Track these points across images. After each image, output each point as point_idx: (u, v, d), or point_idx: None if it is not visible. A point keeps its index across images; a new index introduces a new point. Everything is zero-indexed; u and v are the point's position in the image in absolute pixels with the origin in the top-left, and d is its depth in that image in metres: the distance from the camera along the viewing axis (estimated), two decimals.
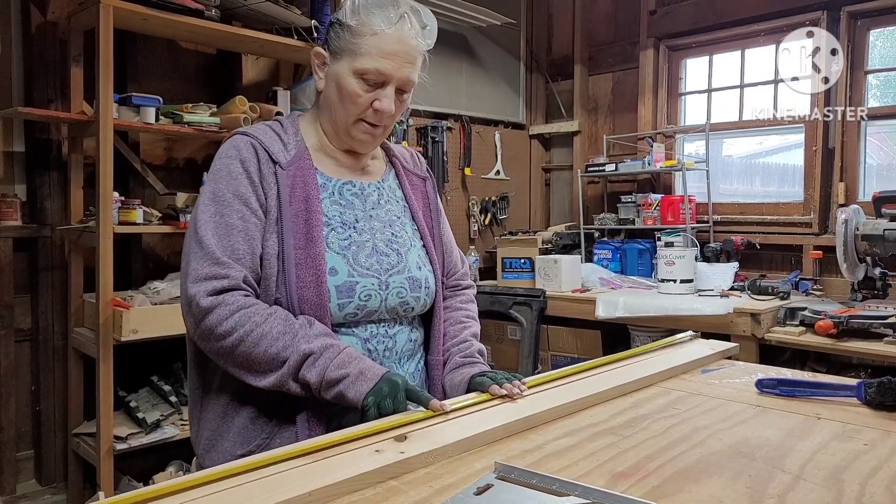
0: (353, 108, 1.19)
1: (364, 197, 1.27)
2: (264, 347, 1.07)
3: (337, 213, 1.22)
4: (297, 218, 1.16)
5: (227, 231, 1.12)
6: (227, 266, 1.10)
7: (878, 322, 2.45)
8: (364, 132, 1.22)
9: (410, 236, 1.30)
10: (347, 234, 1.21)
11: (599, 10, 4.30)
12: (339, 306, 1.15)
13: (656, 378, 1.30)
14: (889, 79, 3.38)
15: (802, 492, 0.80)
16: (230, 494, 0.76)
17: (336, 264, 1.16)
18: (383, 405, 1.02)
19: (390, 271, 1.22)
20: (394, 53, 1.17)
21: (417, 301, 1.26)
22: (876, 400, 1.13)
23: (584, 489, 0.76)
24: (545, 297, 3.49)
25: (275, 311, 1.11)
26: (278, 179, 1.17)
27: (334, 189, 1.24)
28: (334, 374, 1.05)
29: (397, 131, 3.42)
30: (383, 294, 1.20)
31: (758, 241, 3.46)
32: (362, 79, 1.17)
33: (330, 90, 1.22)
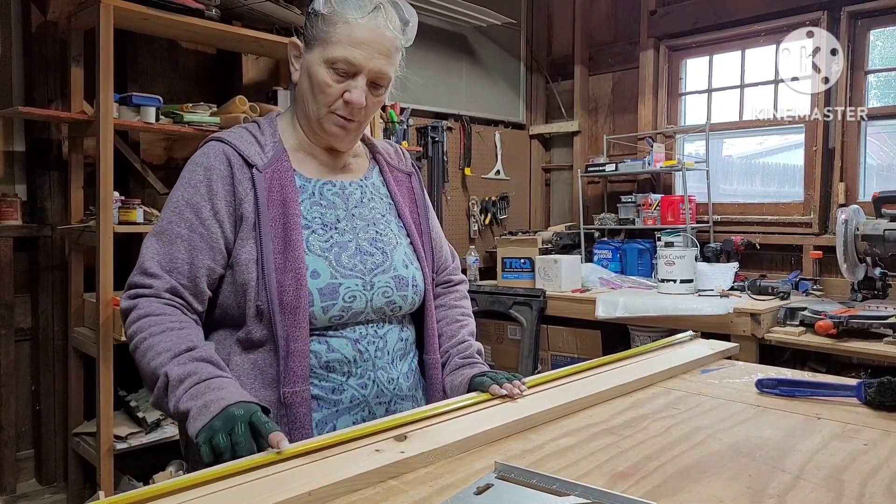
0: (322, 98, 1.16)
1: (346, 196, 1.25)
2: (148, 360, 1.03)
3: (317, 215, 1.19)
4: (275, 222, 1.13)
5: (170, 239, 1.11)
6: (154, 276, 1.09)
7: (878, 322, 2.45)
8: (336, 125, 1.18)
9: (396, 234, 1.27)
10: (329, 235, 1.18)
11: (599, 10, 4.30)
12: (324, 309, 1.12)
13: (656, 378, 1.30)
14: (889, 79, 3.38)
15: (802, 492, 0.80)
16: (230, 494, 0.76)
17: (318, 267, 1.14)
18: (216, 442, 0.89)
19: (375, 271, 1.19)
20: (365, 43, 1.14)
21: (405, 300, 1.23)
22: (876, 400, 1.13)
23: (585, 489, 0.76)
24: (545, 297, 3.49)
25: (179, 327, 1.06)
26: (255, 184, 1.14)
27: (314, 190, 1.21)
28: (183, 407, 0.96)
29: (397, 131, 3.42)
30: (368, 294, 1.17)
31: (758, 241, 3.46)
32: (332, 68, 1.14)
33: (303, 81, 1.19)
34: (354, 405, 1.15)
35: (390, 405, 1.19)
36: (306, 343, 1.10)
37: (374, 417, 1.13)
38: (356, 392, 1.15)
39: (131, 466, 2.60)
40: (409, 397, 1.24)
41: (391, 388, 1.20)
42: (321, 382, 1.13)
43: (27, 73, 2.61)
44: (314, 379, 1.12)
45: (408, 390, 1.24)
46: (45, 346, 2.69)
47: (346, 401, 1.14)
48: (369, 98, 1.17)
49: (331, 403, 1.13)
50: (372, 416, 1.15)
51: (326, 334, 1.14)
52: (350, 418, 1.14)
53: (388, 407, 1.19)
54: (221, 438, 0.89)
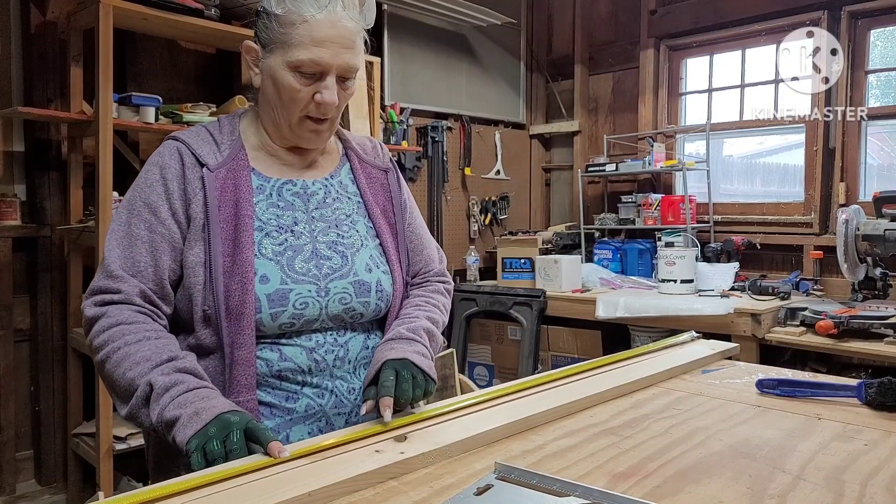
0: (292, 104, 1.10)
1: (307, 196, 1.18)
2: (123, 370, 0.97)
3: (273, 217, 1.13)
4: (226, 223, 1.08)
5: (130, 242, 1.07)
6: (121, 280, 1.04)
7: (879, 322, 2.45)
8: (311, 130, 1.14)
9: (362, 236, 1.19)
10: (283, 238, 1.12)
11: (600, 9, 4.30)
12: (272, 316, 1.06)
13: (656, 378, 1.30)
14: (889, 79, 3.37)
15: (803, 492, 0.80)
16: (230, 494, 0.76)
17: (268, 271, 1.07)
18: (210, 448, 0.86)
19: (331, 276, 1.12)
20: (328, 40, 1.07)
21: (366, 307, 1.15)
22: (876, 400, 1.13)
23: (585, 489, 0.76)
24: (545, 297, 3.49)
25: (155, 336, 1.01)
26: (205, 184, 1.09)
27: (272, 190, 1.15)
28: (170, 415, 0.92)
29: (397, 131, 3.42)
30: (322, 301, 1.10)
31: (758, 241, 3.45)
32: (298, 72, 1.08)
33: (267, 87, 1.13)
34: (310, 415, 1.08)
35: (351, 416, 1.12)
36: (251, 351, 1.04)
37: (334, 429, 1.08)
38: (312, 401, 1.09)
39: (131, 467, 2.60)
40: None
41: (352, 399, 1.12)
42: (274, 391, 1.07)
43: (26, 73, 2.61)
44: (266, 387, 1.07)
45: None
46: (44, 346, 2.69)
47: (300, 410, 1.08)
48: (340, 93, 1.12)
49: (284, 412, 1.07)
50: (331, 427, 1.09)
51: (279, 342, 1.08)
52: (305, 428, 1.08)
53: (349, 418, 1.12)
54: (215, 444, 0.87)
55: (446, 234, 3.98)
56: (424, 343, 1.14)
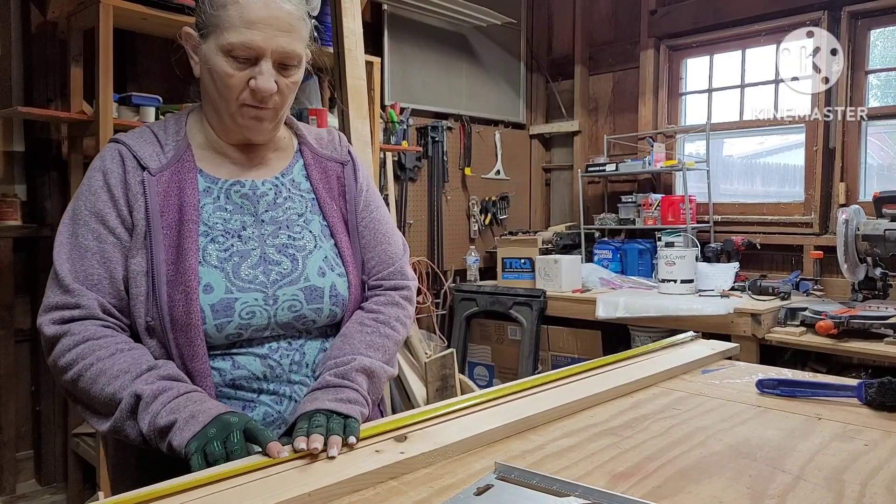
0: (227, 91, 1.04)
1: (256, 198, 1.11)
2: (101, 385, 0.93)
3: (220, 221, 1.07)
4: (169, 230, 1.03)
5: (80, 254, 1.01)
6: (78, 294, 0.99)
7: (879, 322, 2.45)
8: (249, 117, 1.06)
9: (316, 236, 1.13)
10: (229, 243, 1.06)
11: (600, 9, 4.30)
12: (217, 327, 1.01)
13: (657, 378, 1.30)
14: (889, 79, 3.37)
15: (803, 492, 0.79)
16: (230, 494, 0.76)
17: (212, 280, 1.02)
18: (210, 449, 0.85)
19: (280, 283, 1.06)
20: (261, 21, 1.01)
21: (319, 313, 1.09)
22: (876, 400, 1.12)
23: (585, 489, 0.76)
24: (545, 297, 3.49)
25: (128, 348, 0.98)
26: (146, 188, 1.03)
27: (220, 192, 1.09)
28: (164, 421, 0.89)
29: (397, 131, 3.42)
30: (270, 310, 1.04)
31: (758, 241, 3.45)
32: (231, 56, 1.01)
33: (205, 76, 1.07)
34: (269, 423, 1.04)
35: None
36: (205, 362, 1.00)
37: None
38: (270, 409, 1.05)
39: None
40: None
41: None
42: (229, 400, 1.03)
43: (27, 73, 2.61)
44: (221, 398, 1.02)
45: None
46: None
47: (258, 418, 1.03)
48: (280, 81, 1.05)
49: None
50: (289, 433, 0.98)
51: (230, 351, 1.04)
52: None
53: None
54: (216, 445, 0.85)
55: (446, 234, 3.98)
56: (355, 387, 1.02)
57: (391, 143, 3.38)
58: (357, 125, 2.51)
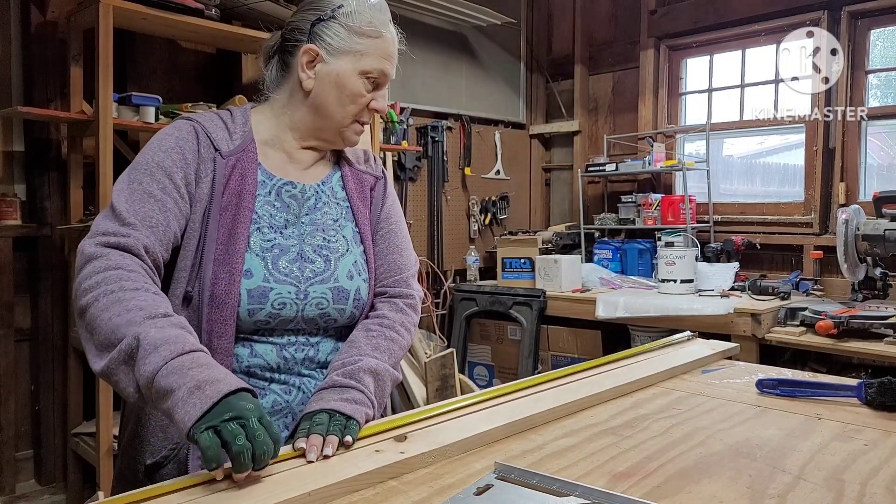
0: (353, 108, 1.17)
1: (302, 200, 1.19)
2: (111, 314, 0.90)
3: (267, 214, 1.13)
4: (226, 211, 1.08)
5: (143, 198, 1.03)
6: (132, 227, 1.00)
7: (879, 322, 2.45)
8: (356, 133, 1.21)
9: (348, 241, 1.20)
10: (272, 236, 1.12)
11: (600, 9, 4.30)
12: (249, 312, 1.06)
13: (656, 378, 1.30)
14: (889, 79, 3.37)
15: (803, 492, 0.80)
16: (230, 494, 0.76)
17: (252, 266, 1.07)
18: (227, 432, 0.77)
19: (312, 280, 1.12)
20: (392, 55, 1.20)
21: (342, 314, 1.15)
22: (876, 400, 1.13)
23: (585, 489, 0.76)
24: (545, 297, 3.49)
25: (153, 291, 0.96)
26: (216, 167, 1.10)
27: (272, 188, 1.16)
28: (165, 382, 0.83)
29: (397, 130, 3.42)
30: (300, 304, 1.10)
31: (758, 241, 3.45)
32: (367, 79, 1.17)
33: (325, 90, 1.16)
34: (276, 411, 1.08)
35: None
36: (231, 342, 1.04)
37: (299, 426, 0.98)
38: (279, 397, 1.09)
39: None
40: None
41: None
42: None
43: (26, 72, 2.61)
44: None
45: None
46: (44, 346, 2.69)
47: (266, 406, 1.07)
48: None
49: None
50: (296, 422, 1.01)
51: (252, 338, 1.08)
52: None
53: None
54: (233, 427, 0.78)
55: (446, 234, 3.98)
56: (361, 388, 1.03)
57: (391, 143, 3.38)
58: None
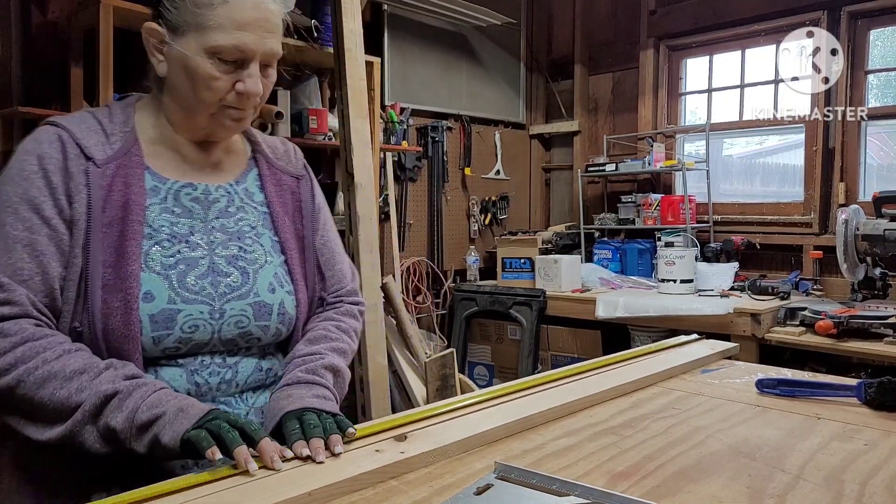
0: (210, 94, 0.98)
1: (208, 203, 1.04)
2: (52, 389, 0.84)
3: (167, 224, 0.99)
4: (110, 228, 0.94)
5: (7, 246, 0.90)
6: (8, 289, 0.88)
7: (879, 322, 2.45)
8: (231, 120, 1.02)
9: (267, 251, 1.07)
10: (175, 249, 0.98)
11: (599, 10, 4.30)
12: (155, 340, 0.93)
13: (656, 378, 1.30)
14: (889, 79, 3.38)
15: (802, 492, 0.80)
16: (230, 494, 0.76)
17: (153, 288, 0.94)
18: (214, 427, 0.81)
19: (228, 295, 0.99)
20: (252, 23, 0.96)
21: (265, 331, 1.04)
22: (876, 400, 1.13)
23: (585, 489, 0.76)
24: (545, 297, 3.49)
25: (75, 349, 0.89)
26: (90, 180, 0.94)
27: (168, 193, 1.01)
28: (146, 416, 0.83)
29: (397, 131, 3.42)
30: (216, 324, 0.98)
31: (758, 241, 3.46)
32: (218, 58, 0.96)
33: (177, 75, 0.99)
34: None
35: None
36: None
37: None
38: None
39: None
40: None
41: None
42: None
43: (26, 72, 2.61)
44: None
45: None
46: None
47: None
48: (263, 82, 1.01)
49: None
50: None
51: (157, 363, 0.96)
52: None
53: None
54: (219, 423, 0.82)
55: (446, 234, 3.98)
56: (326, 384, 1.01)
57: (391, 143, 3.38)
58: (357, 125, 2.51)
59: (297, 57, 3.02)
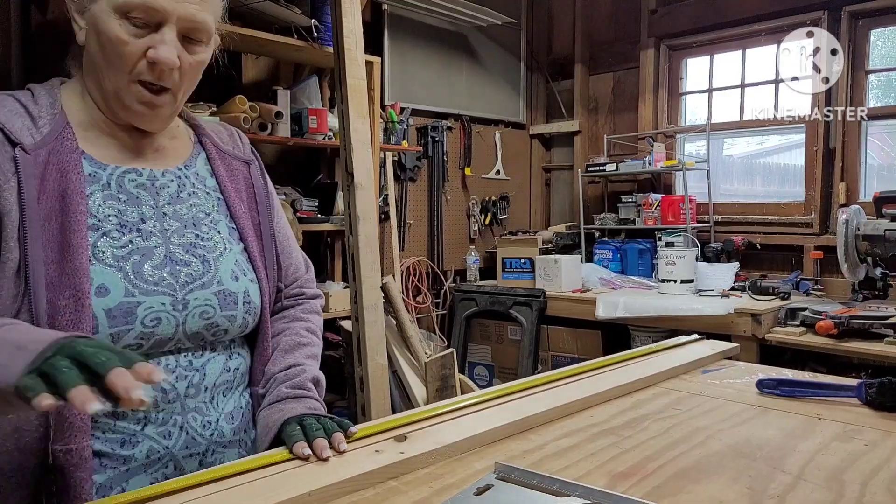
0: (119, 61, 0.88)
1: (156, 189, 0.96)
2: None
3: (113, 212, 0.91)
4: (49, 221, 0.85)
5: None
6: None
7: (879, 322, 2.45)
8: (141, 100, 0.90)
9: (225, 238, 1.00)
10: (127, 239, 0.90)
11: (600, 9, 4.30)
12: (113, 336, 0.85)
13: (657, 378, 1.30)
14: (890, 79, 3.38)
15: (803, 492, 0.80)
16: (230, 494, 0.76)
17: (107, 280, 0.86)
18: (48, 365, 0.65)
19: (190, 285, 0.92)
20: None
21: (232, 321, 0.97)
22: (876, 400, 1.13)
23: (585, 489, 0.76)
24: (545, 297, 3.49)
25: None
26: (19, 168, 0.84)
27: (110, 179, 0.92)
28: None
29: (397, 131, 3.42)
30: (179, 316, 0.90)
31: (758, 241, 3.46)
32: (126, 18, 0.87)
33: (91, 42, 0.91)
34: (153, 461, 0.88)
35: (206, 456, 0.94)
36: None
37: (182, 474, 0.87)
38: (155, 443, 0.89)
39: None
40: (235, 443, 0.99)
41: (207, 435, 0.94)
42: (106, 434, 0.86)
43: (26, 72, 2.61)
44: (96, 430, 0.85)
45: (232, 434, 0.98)
46: None
47: (140, 456, 0.88)
48: (184, 57, 0.90)
49: (119, 461, 0.86)
50: (179, 472, 0.90)
51: None
52: (147, 478, 0.88)
53: (203, 459, 0.94)
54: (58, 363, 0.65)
55: (446, 234, 3.98)
56: (315, 396, 0.99)
57: (391, 143, 3.38)
58: (357, 125, 2.51)
59: (297, 56, 3.03)
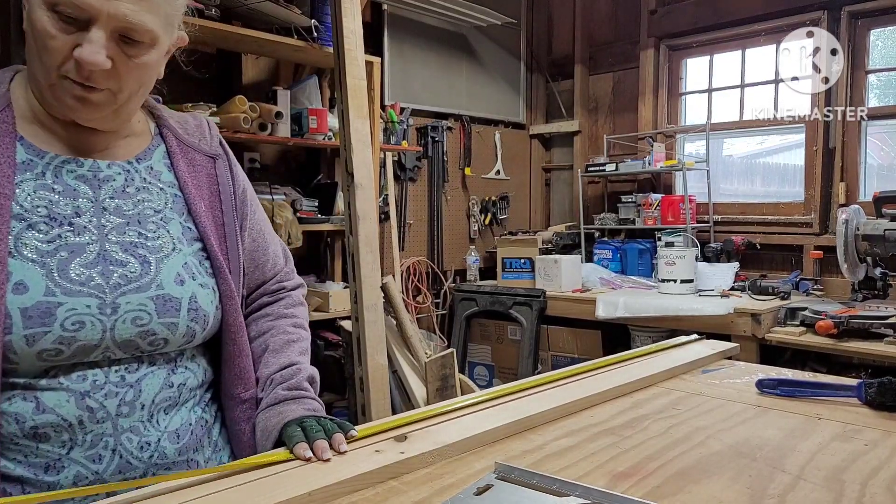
0: (46, 55, 0.82)
1: (98, 181, 0.89)
2: None
3: (43, 203, 0.83)
4: None
5: None
6: None
7: (879, 322, 2.45)
8: (72, 96, 0.83)
9: (176, 238, 0.92)
10: (56, 233, 0.83)
11: (600, 9, 4.30)
12: (28, 339, 0.77)
13: (657, 378, 1.30)
14: (890, 79, 3.38)
15: (803, 492, 0.80)
16: (230, 494, 0.76)
17: (26, 276, 0.78)
18: None
19: (123, 287, 0.84)
20: None
21: (173, 329, 0.87)
22: (876, 400, 1.12)
23: (585, 489, 0.76)
24: (545, 297, 3.49)
25: None
26: None
27: (46, 169, 0.86)
28: None
29: (397, 131, 3.42)
30: (106, 320, 0.82)
31: (758, 241, 3.46)
32: (55, 11, 0.80)
33: (28, 32, 0.86)
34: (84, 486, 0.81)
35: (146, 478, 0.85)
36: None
37: None
38: (83, 468, 0.81)
39: None
40: (182, 463, 0.90)
41: (145, 457, 0.86)
42: (28, 458, 0.79)
43: None
44: (15, 454, 0.79)
45: (177, 455, 0.89)
46: None
47: (66, 482, 0.80)
48: (119, 59, 0.82)
49: (42, 487, 0.79)
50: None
51: (36, 384, 0.79)
52: None
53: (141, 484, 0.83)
54: None
55: (446, 234, 3.98)
56: (313, 396, 0.97)
57: (391, 143, 3.38)
58: (357, 125, 2.51)
59: (297, 57, 3.03)
